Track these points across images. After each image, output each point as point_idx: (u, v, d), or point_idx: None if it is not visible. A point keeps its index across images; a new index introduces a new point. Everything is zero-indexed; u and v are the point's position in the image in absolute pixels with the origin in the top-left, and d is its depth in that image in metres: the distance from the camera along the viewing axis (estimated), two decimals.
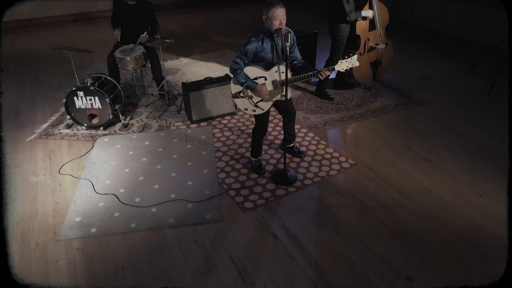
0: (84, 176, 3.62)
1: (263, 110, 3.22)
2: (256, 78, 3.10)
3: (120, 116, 4.36)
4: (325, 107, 4.74)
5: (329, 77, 4.88)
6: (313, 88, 5.12)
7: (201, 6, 9.36)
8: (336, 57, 4.65)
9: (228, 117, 4.53)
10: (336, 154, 3.85)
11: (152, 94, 4.93)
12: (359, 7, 4.41)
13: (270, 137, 4.16)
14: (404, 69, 5.70)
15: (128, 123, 4.45)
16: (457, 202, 3.23)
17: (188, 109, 4.38)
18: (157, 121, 4.50)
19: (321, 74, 3.06)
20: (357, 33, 4.54)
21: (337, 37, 4.50)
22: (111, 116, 4.24)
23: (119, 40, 4.69)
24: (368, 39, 4.62)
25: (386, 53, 4.79)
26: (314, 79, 5.41)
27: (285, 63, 2.90)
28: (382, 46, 4.65)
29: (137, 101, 4.89)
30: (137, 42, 4.64)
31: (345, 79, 5.18)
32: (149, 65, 4.87)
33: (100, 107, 4.20)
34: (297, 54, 3.23)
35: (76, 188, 3.47)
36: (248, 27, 7.61)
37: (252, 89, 3.08)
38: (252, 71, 3.08)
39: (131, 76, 5.28)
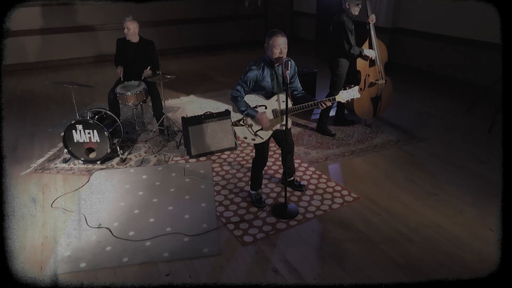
0: (77, 209, 3.49)
1: (262, 139, 3.18)
2: (256, 107, 3.09)
3: (118, 150, 4.30)
4: (325, 142, 4.70)
5: (329, 115, 4.97)
6: (314, 125, 5.11)
7: (203, 51, 9.65)
8: (336, 92, 4.68)
9: (228, 152, 4.48)
10: (338, 188, 3.74)
11: (152, 130, 4.91)
12: (358, 44, 4.52)
13: (270, 171, 4.08)
14: (403, 107, 5.74)
15: (126, 158, 4.38)
16: (467, 236, 3.08)
17: (188, 143, 4.34)
18: (155, 156, 4.43)
19: (321, 104, 3.05)
20: (357, 69, 4.62)
21: (336, 72, 4.57)
22: (109, 150, 4.18)
23: (121, 77, 4.76)
24: (368, 75, 4.68)
25: (386, 89, 4.85)
26: (314, 116, 5.45)
27: (287, 92, 2.90)
28: (382, 81, 4.72)
29: (137, 137, 4.86)
30: (142, 78, 4.69)
31: (345, 116, 5.20)
32: (150, 104, 4.91)
33: (98, 140, 4.16)
34: (297, 84, 3.24)
35: (68, 221, 3.33)
36: None
37: (252, 117, 3.06)
38: (252, 100, 3.07)
39: (131, 114, 5.29)
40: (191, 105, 5.97)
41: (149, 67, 4.72)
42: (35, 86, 7.12)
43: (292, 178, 3.72)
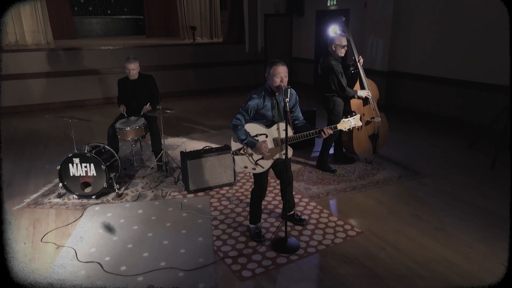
0: (67, 244, 3.34)
1: (263, 168, 3.10)
2: (256, 135, 3.05)
3: (115, 185, 4.20)
4: (326, 178, 4.61)
5: (329, 153, 4.92)
6: (314, 162, 5.05)
7: (204, 94, 9.83)
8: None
9: (227, 188, 4.37)
10: (340, 223, 3.60)
11: (150, 167, 4.84)
12: (349, 85, 4.56)
13: (270, 206, 3.95)
14: (403, 146, 5.71)
15: (122, 193, 4.27)
16: (478, 271, 2.91)
17: (186, 178, 4.25)
18: (152, 191, 4.33)
19: (324, 133, 3.01)
20: (352, 110, 4.63)
21: (333, 111, 4.59)
22: (105, 185, 4.09)
23: (125, 114, 4.77)
24: (364, 114, 4.70)
25: (382, 125, 4.85)
26: (314, 154, 5.40)
27: (287, 121, 2.88)
28: (378, 119, 4.73)
29: (134, 173, 4.78)
30: (141, 114, 4.71)
31: (345, 153, 5.15)
32: (149, 142, 4.89)
33: (94, 174, 4.08)
34: (298, 114, 3.22)
35: (57, 256, 3.16)
36: None
37: (252, 146, 3.01)
38: (253, 128, 3.04)
39: (130, 152, 5.25)
40: (190, 143, 5.94)
41: (148, 103, 4.75)
42: (36, 126, 7.15)
43: (292, 212, 3.59)
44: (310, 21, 9.73)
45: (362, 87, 4.63)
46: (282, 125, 3.04)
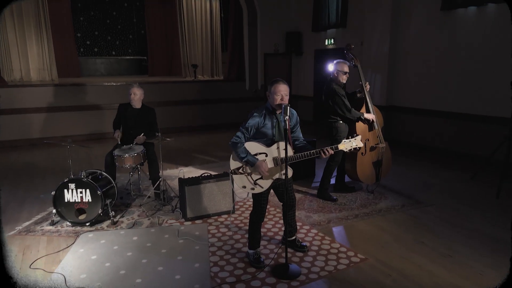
0: (57, 270, 3.18)
1: (262, 188, 3.02)
2: (256, 154, 3.00)
3: (110, 211, 4.09)
4: (327, 207, 4.50)
5: (330, 182, 4.84)
6: (314, 192, 4.96)
7: (203, 129, 9.88)
8: (337, 157, 4.64)
9: (225, 215, 4.25)
10: (343, 249, 3.46)
11: (147, 196, 4.74)
12: (356, 109, 4.58)
13: (270, 234, 3.82)
14: (405, 177, 5.63)
15: (117, 221, 4.14)
16: None
17: (183, 205, 4.14)
18: (148, 219, 4.20)
19: (324, 152, 2.97)
20: (357, 133, 4.61)
21: (336, 137, 4.57)
22: (100, 211, 3.98)
23: (118, 141, 4.75)
24: (368, 139, 4.68)
25: (385, 153, 4.81)
26: (315, 184, 5.31)
27: (287, 140, 2.84)
28: (382, 145, 4.70)
29: (131, 202, 4.67)
30: (134, 143, 4.67)
31: (346, 183, 5.07)
32: (148, 173, 4.83)
33: (90, 200, 3.98)
34: (299, 134, 3.20)
35: (44, 282, 3.00)
36: None
37: (252, 165, 2.95)
38: (253, 147, 3.00)
39: (127, 182, 5.14)
40: (189, 172, 5.87)
41: (142, 134, 4.69)
42: (35, 159, 7.11)
43: (293, 238, 3.46)
44: (309, 59, 10.00)
45: (368, 112, 4.65)
46: (282, 144, 3.00)
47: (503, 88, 5.64)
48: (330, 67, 4.63)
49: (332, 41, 9.16)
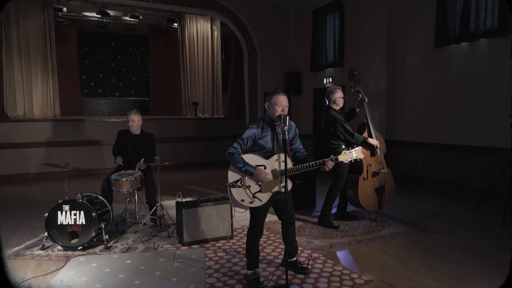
0: None
1: (261, 201, 2.93)
2: (255, 166, 2.94)
3: (104, 235, 3.94)
4: (329, 233, 4.35)
5: (331, 211, 4.72)
6: (315, 220, 4.82)
7: (202, 166, 9.83)
8: (340, 183, 4.56)
9: (223, 241, 4.09)
10: (346, 271, 3.29)
11: (143, 223, 4.59)
12: (358, 134, 4.60)
13: (269, 257, 3.65)
14: (408, 207, 5.50)
15: (111, 246, 3.98)
16: None
17: (180, 228, 4.00)
18: (143, 244, 4.04)
19: (326, 165, 2.92)
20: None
21: (339, 162, 4.50)
22: (94, 234, 3.84)
23: (121, 164, 4.70)
24: (370, 165, 4.63)
25: (388, 180, 4.74)
26: (315, 213, 5.18)
27: (286, 152, 2.81)
28: (385, 170, 4.64)
29: (126, 229, 4.53)
30: (136, 169, 4.63)
31: (348, 212, 4.94)
32: (146, 204, 4.75)
33: (83, 223, 3.85)
34: (299, 146, 3.17)
35: None
36: None
37: (251, 174, 2.88)
38: (251, 159, 2.95)
39: (123, 211, 5.01)
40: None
41: (142, 159, 4.66)
42: (30, 192, 7.00)
43: (294, 259, 3.31)
44: (308, 98, 10.18)
45: (370, 137, 4.64)
46: (281, 157, 2.96)
47: (501, 119, 5.68)
48: (327, 95, 4.71)
49: (330, 79, 9.38)
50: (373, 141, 4.57)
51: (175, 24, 11.26)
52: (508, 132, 4.90)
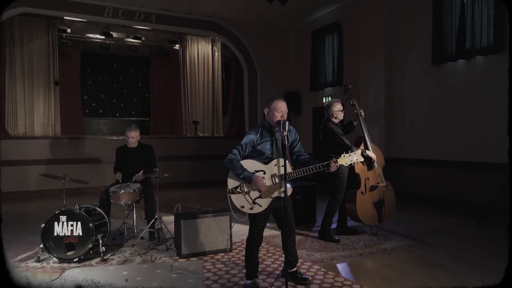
0: None
1: (261, 207, 2.90)
2: (254, 172, 2.92)
3: (100, 247, 3.87)
4: (330, 247, 4.28)
5: (331, 225, 4.66)
6: (315, 234, 4.74)
7: (200, 185, 9.76)
8: (339, 196, 4.53)
9: (222, 254, 4.01)
10: (348, 282, 3.22)
11: (140, 237, 4.52)
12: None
13: (269, 269, 3.57)
14: (409, 223, 5.42)
15: (107, 258, 3.90)
16: None
17: (178, 240, 3.94)
18: (141, 257, 3.96)
19: (329, 166, 2.89)
20: (356, 172, 4.57)
21: (338, 175, 4.49)
22: (90, 245, 3.76)
23: (119, 180, 4.68)
24: (368, 178, 4.60)
25: (388, 193, 4.70)
26: (316, 228, 5.10)
27: (285, 157, 2.81)
28: (383, 184, 4.61)
29: (123, 242, 4.45)
30: (133, 180, 4.60)
31: (348, 226, 4.87)
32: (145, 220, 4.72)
33: (80, 234, 3.79)
34: (301, 149, 3.16)
35: None
36: None
37: (249, 181, 2.86)
38: (250, 165, 2.94)
39: (121, 225, 4.93)
40: None
41: (141, 171, 4.65)
42: (29, 209, 6.94)
43: (294, 269, 3.23)
44: (308, 117, 10.25)
45: (367, 149, 4.63)
46: (281, 161, 2.95)
47: (499, 134, 5.69)
48: (326, 108, 4.74)
49: (330, 98, 9.46)
50: (370, 154, 4.56)
51: (176, 45, 11.46)
52: (505, 148, 4.89)
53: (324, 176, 4.85)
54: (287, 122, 2.84)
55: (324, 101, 9.67)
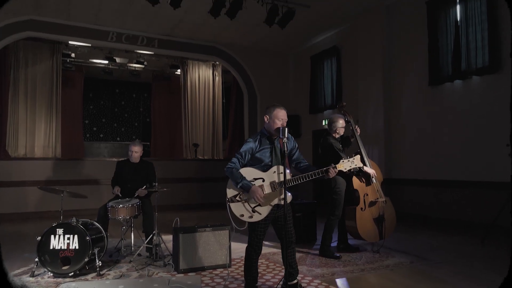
0: None
1: (260, 215, 2.87)
2: (253, 180, 2.92)
3: (97, 261, 3.79)
4: (331, 263, 4.19)
5: (332, 242, 4.59)
6: (316, 251, 4.66)
7: (198, 208, 9.66)
8: (337, 211, 4.49)
9: (221, 269, 3.93)
10: None
11: (138, 254, 4.43)
12: None
13: (269, 283, 3.49)
14: (411, 242, 5.33)
15: (103, 273, 3.82)
16: None
17: (176, 255, 3.87)
18: (138, 272, 3.88)
19: (330, 173, 2.89)
20: (354, 188, 4.55)
21: (335, 189, 4.48)
22: (87, 259, 3.69)
23: (119, 194, 4.66)
24: (367, 194, 4.58)
25: (387, 209, 4.65)
26: (316, 246, 5.01)
27: (285, 164, 2.81)
28: (382, 199, 4.57)
29: (121, 258, 4.37)
30: (135, 195, 4.58)
31: (349, 243, 4.80)
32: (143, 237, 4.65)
33: (77, 247, 3.73)
34: (300, 156, 3.17)
35: None
36: None
37: (247, 190, 2.84)
38: (249, 172, 2.94)
39: (118, 242, 4.85)
40: None
41: (144, 186, 4.64)
42: (26, 229, 6.85)
43: (295, 282, 3.16)
44: (307, 140, 10.28)
45: (364, 164, 4.62)
46: (280, 169, 2.95)
47: (497, 153, 5.69)
48: (328, 123, 4.79)
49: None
50: (368, 169, 4.56)
51: (178, 71, 11.68)
52: (505, 166, 4.89)
53: (324, 194, 4.84)
54: (286, 129, 2.87)
55: (323, 123, 9.74)
